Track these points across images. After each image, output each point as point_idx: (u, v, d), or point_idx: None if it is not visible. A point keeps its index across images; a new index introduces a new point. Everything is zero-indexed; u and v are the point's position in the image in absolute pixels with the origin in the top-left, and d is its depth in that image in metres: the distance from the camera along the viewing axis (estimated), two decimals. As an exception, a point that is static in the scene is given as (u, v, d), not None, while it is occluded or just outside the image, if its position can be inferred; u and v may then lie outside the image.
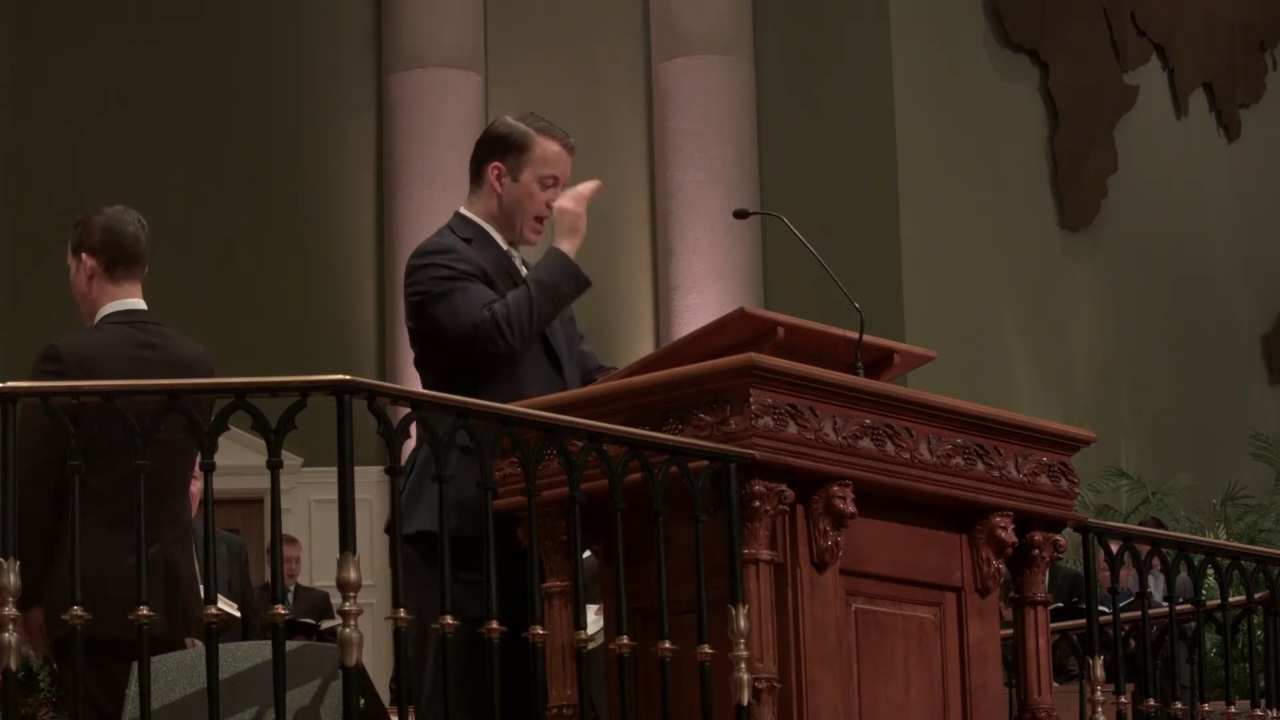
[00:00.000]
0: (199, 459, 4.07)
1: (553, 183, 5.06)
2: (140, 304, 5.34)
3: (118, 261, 5.31)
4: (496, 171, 5.05)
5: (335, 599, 4.06)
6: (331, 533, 4.14)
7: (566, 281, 4.96)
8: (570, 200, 5.02)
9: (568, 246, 4.98)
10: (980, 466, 4.72)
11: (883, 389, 4.60)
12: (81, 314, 5.41)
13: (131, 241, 5.33)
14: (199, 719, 4.07)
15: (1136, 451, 17.96)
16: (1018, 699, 4.95)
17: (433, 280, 4.90)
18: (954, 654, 4.69)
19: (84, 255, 5.32)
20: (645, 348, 15.12)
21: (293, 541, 13.05)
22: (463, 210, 5.12)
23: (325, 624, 12.25)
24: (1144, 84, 19.22)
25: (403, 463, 4.09)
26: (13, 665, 3.90)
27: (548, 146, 5.06)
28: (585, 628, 4.31)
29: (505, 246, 5.07)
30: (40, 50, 16.07)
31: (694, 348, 4.64)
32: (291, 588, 12.86)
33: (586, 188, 5.04)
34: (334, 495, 4.04)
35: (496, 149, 5.07)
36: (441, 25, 15.85)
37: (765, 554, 4.34)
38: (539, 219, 5.08)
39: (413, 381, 4.94)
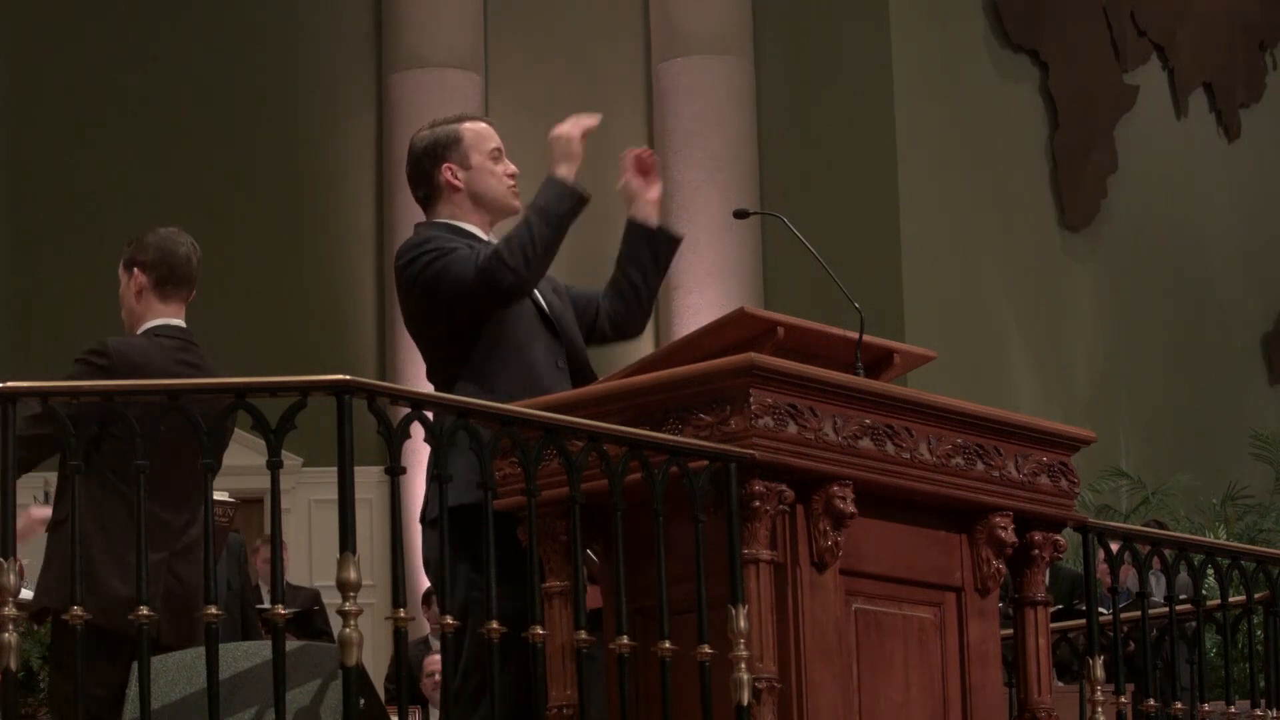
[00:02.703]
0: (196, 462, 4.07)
1: (499, 154, 5.11)
2: (182, 323, 5.43)
3: (168, 280, 5.45)
4: (450, 171, 5.06)
5: (335, 598, 4.05)
6: (331, 533, 4.14)
7: (563, 199, 4.91)
8: (566, 125, 5.03)
9: (563, 171, 4.96)
10: (980, 466, 4.72)
11: (883, 389, 4.60)
12: (124, 328, 5.50)
13: (183, 262, 5.48)
14: (199, 719, 4.07)
15: (1136, 451, 17.95)
16: (1018, 699, 4.95)
17: (423, 268, 4.89)
18: (954, 654, 4.69)
19: (135, 270, 5.46)
20: (645, 348, 15.09)
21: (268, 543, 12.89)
22: (428, 220, 5.11)
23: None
24: (1144, 84, 19.22)
25: (403, 462, 4.09)
26: (12, 665, 3.90)
27: (475, 127, 5.12)
28: (585, 627, 4.32)
29: (485, 238, 5.07)
30: (40, 51, 16.06)
31: (694, 348, 4.64)
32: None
33: (586, 118, 5.04)
34: (334, 495, 4.04)
35: (436, 155, 5.08)
36: (441, 25, 15.85)
37: (765, 554, 4.34)
38: (511, 188, 5.10)
39: (412, 381, 4.93)
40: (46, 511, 5.50)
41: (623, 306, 5.18)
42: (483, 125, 5.13)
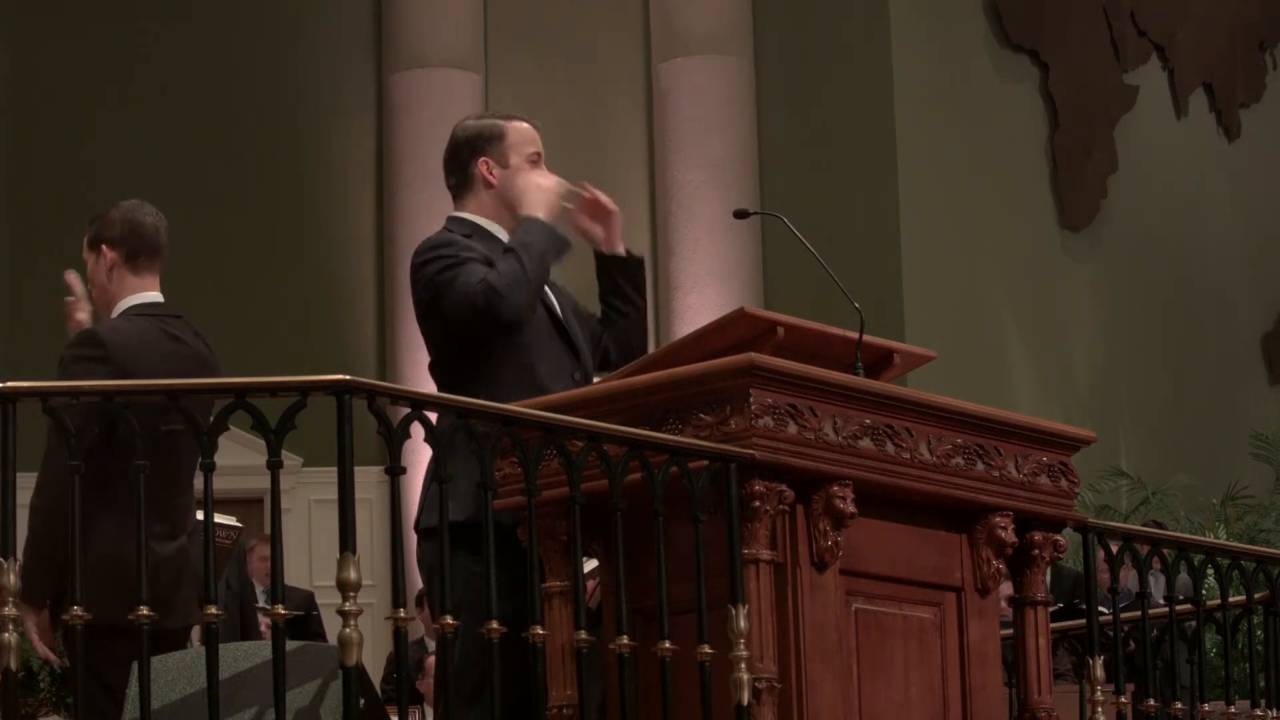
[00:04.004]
0: (201, 459, 4.06)
1: (537, 158, 5.12)
2: (159, 296, 5.32)
3: (139, 252, 5.30)
4: (486, 165, 5.07)
5: (334, 598, 4.06)
6: (331, 533, 4.14)
7: (550, 242, 4.94)
8: (545, 178, 5.05)
9: (543, 215, 4.98)
10: (980, 466, 4.72)
11: (883, 389, 4.60)
12: (97, 307, 5.38)
13: (152, 232, 5.32)
14: (199, 719, 4.07)
15: (1136, 451, 17.94)
16: (1018, 699, 4.95)
17: (437, 274, 4.90)
18: (954, 654, 4.69)
19: (104, 247, 5.30)
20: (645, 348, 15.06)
21: (264, 541, 12.88)
22: (455, 213, 5.12)
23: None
24: (1144, 84, 19.21)
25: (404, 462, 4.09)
26: (12, 665, 3.90)
27: (520, 127, 5.12)
28: (584, 627, 4.31)
29: (506, 240, 5.07)
30: (40, 50, 16.06)
31: (694, 348, 4.64)
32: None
33: (571, 187, 5.07)
34: (334, 495, 4.04)
35: (476, 147, 5.09)
36: (441, 25, 15.85)
37: (765, 554, 4.34)
38: None
39: (412, 381, 4.94)
40: (83, 316, 5.43)
41: (622, 334, 5.25)
42: (526, 127, 5.14)
